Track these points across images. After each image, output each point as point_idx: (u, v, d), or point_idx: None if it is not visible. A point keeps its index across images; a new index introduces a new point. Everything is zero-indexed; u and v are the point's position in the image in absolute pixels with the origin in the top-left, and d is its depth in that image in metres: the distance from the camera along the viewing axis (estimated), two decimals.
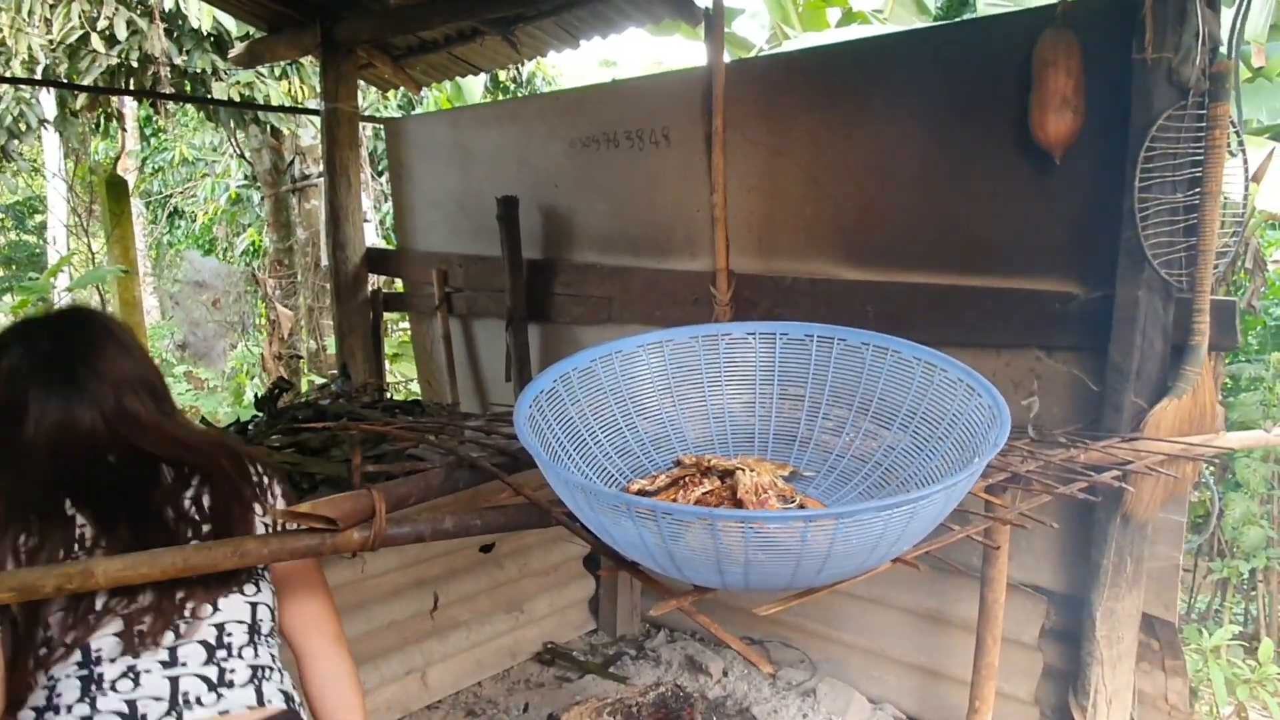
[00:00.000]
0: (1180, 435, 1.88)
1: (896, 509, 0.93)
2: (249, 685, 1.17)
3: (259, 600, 1.24)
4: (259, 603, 1.24)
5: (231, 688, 1.15)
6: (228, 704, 1.14)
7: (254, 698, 1.17)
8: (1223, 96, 1.81)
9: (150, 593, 1.15)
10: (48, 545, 1.13)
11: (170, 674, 1.13)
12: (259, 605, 1.24)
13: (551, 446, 1.23)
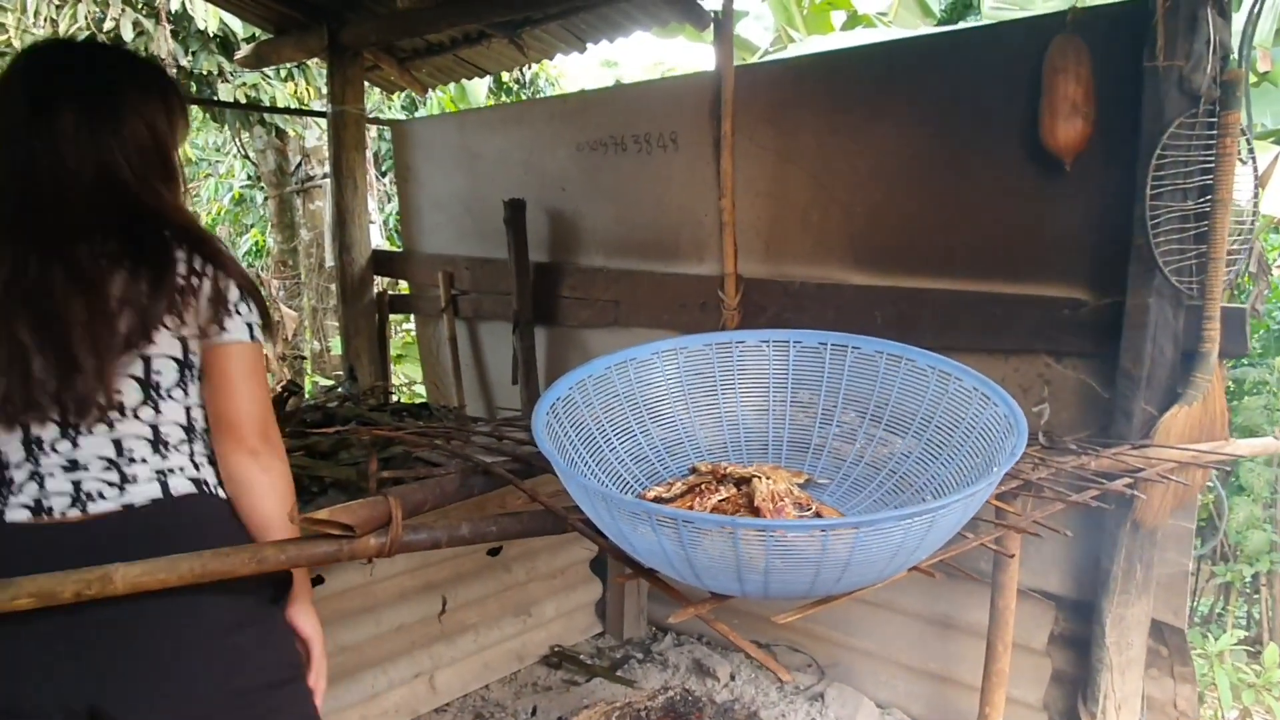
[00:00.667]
0: (1190, 442, 1.89)
1: (916, 518, 0.94)
2: (152, 482, 1.19)
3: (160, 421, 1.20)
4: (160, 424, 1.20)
5: (135, 484, 1.18)
6: (129, 498, 1.17)
7: (158, 489, 1.19)
8: (1233, 104, 1.81)
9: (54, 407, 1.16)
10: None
11: (73, 477, 1.16)
12: (160, 425, 1.20)
13: (568, 453, 1.23)
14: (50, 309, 1.12)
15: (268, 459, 1.25)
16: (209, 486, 1.25)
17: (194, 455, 1.25)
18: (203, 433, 1.26)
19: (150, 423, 1.21)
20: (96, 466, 1.18)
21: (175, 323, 1.18)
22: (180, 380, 1.22)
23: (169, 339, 1.19)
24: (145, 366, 1.19)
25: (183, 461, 1.23)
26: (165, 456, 1.22)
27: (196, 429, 1.26)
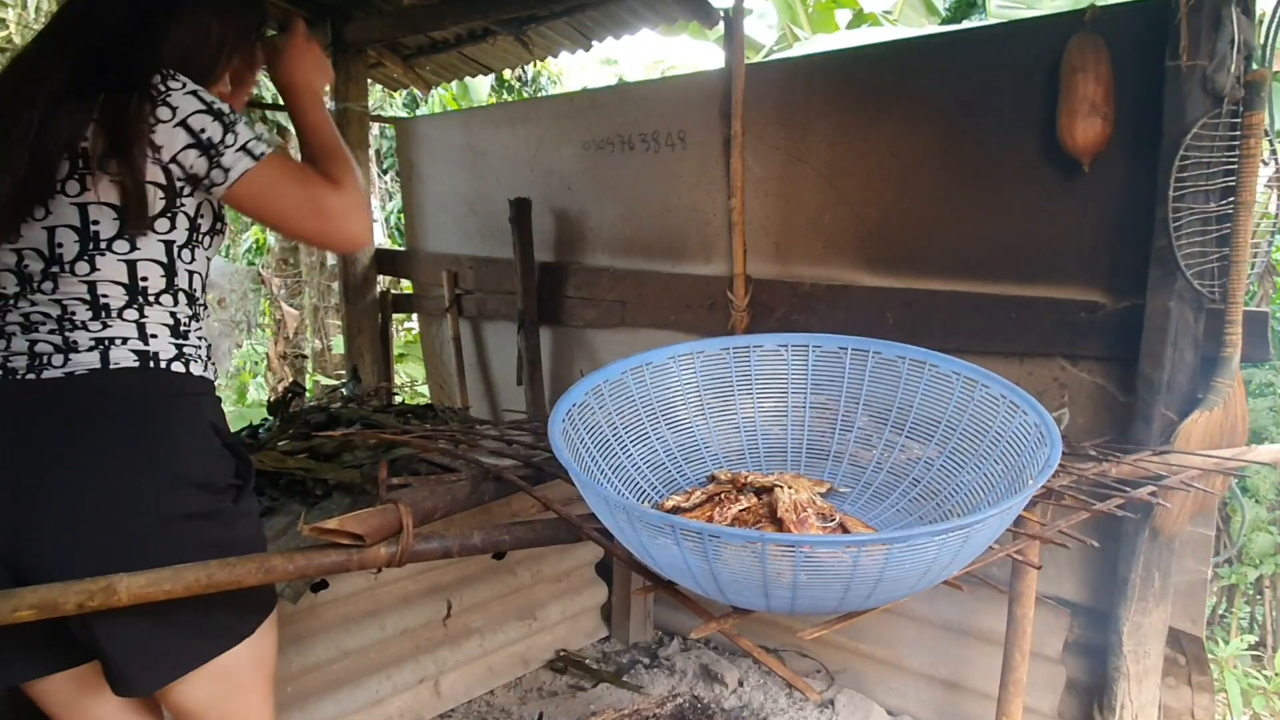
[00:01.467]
0: (1210, 448, 1.85)
1: (951, 533, 0.91)
2: (89, 352, 1.18)
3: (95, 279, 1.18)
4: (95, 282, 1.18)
5: (79, 352, 1.18)
6: (75, 365, 1.17)
7: (98, 360, 1.18)
8: (1257, 105, 1.78)
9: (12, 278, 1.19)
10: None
11: (29, 337, 1.18)
12: (99, 283, 1.19)
13: (584, 460, 1.20)
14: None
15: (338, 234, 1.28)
16: (158, 360, 1.21)
17: (144, 324, 1.21)
18: (159, 296, 1.22)
19: (86, 279, 1.18)
20: (44, 328, 1.18)
21: (119, 168, 1.14)
22: (120, 233, 1.18)
23: (107, 184, 1.16)
24: (82, 215, 1.16)
25: (127, 331, 1.20)
26: (106, 324, 1.19)
27: (149, 291, 1.21)
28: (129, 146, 1.14)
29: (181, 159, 1.17)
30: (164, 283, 1.22)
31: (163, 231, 1.21)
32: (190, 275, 1.26)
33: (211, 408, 1.27)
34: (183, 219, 1.23)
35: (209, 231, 1.29)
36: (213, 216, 1.29)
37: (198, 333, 1.28)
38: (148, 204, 1.17)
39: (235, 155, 1.18)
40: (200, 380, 1.25)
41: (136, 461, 1.17)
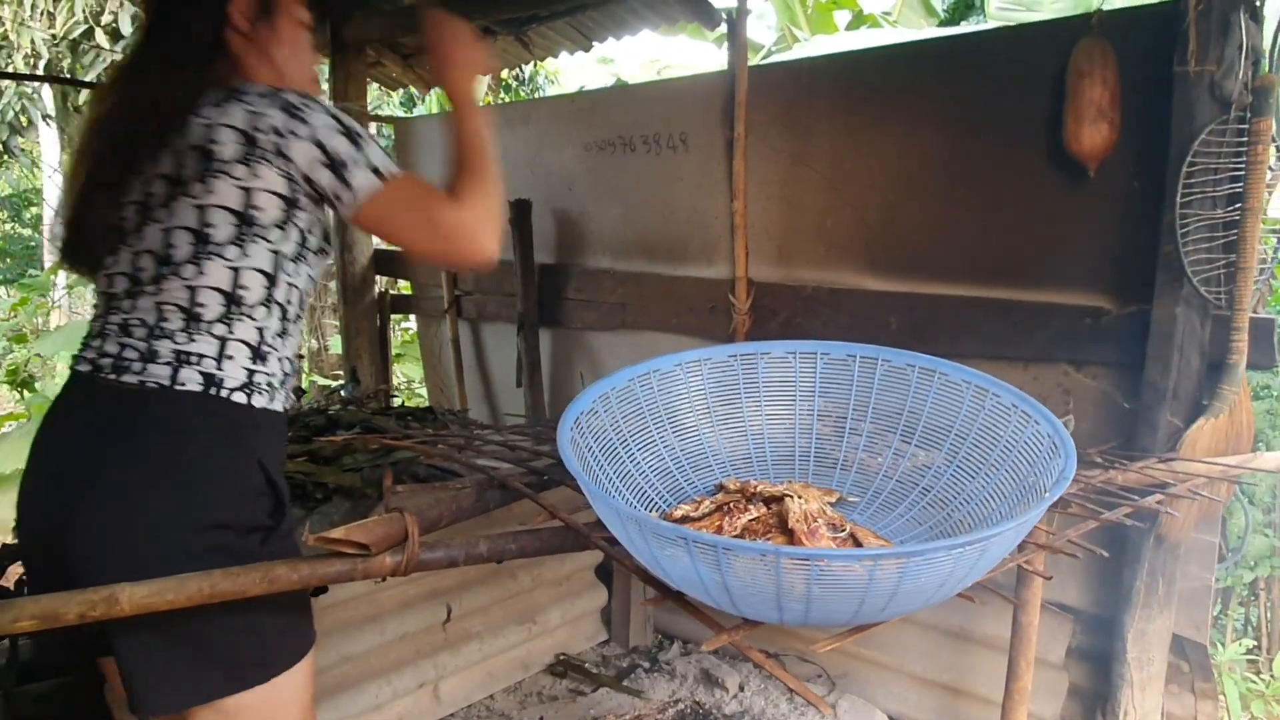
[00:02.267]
0: (1216, 455, 1.85)
1: (968, 547, 0.90)
2: (165, 366, 1.19)
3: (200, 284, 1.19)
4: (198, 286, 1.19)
5: (153, 363, 1.19)
6: (147, 376, 1.19)
7: (167, 377, 1.19)
8: (1265, 111, 1.77)
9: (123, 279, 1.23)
10: None
11: (120, 339, 1.21)
12: (200, 289, 1.19)
13: (592, 469, 1.19)
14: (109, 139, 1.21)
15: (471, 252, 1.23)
16: (221, 388, 1.20)
17: (226, 341, 1.21)
18: (254, 308, 1.22)
19: (190, 283, 1.19)
20: (137, 332, 1.20)
21: (246, 173, 1.16)
22: (238, 236, 1.19)
23: (229, 188, 1.16)
24: (200, 217, 1.18)
25: (206, 349, 1.20)
26: (191, 338, 1.20)
27: (245, 302, 1.21)
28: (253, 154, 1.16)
29: (311, 174, 1.18)
30: (264, 294, 1.23)
31: (273, 241, 1.21)
32: (289, 288, 1.26)
33: (266, 441, 1.24)
34: (294, 232, 1.23)
35: (316, 250, 1.29)
36: (321, 235, 1.30)
37: (280, 354, 1.27)
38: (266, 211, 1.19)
39: (364, 175, 1.18)
40: (260, 413, 1.23)
41: (166, 488, 1.17)
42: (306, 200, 1.21)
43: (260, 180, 1.17)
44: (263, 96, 1.17)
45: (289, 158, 1.16)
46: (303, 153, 1.16)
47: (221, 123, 1.15)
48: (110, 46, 5.20)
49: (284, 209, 1.20)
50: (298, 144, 1.16)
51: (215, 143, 1.15)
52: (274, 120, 1.15)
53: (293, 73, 1.30)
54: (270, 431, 1.26)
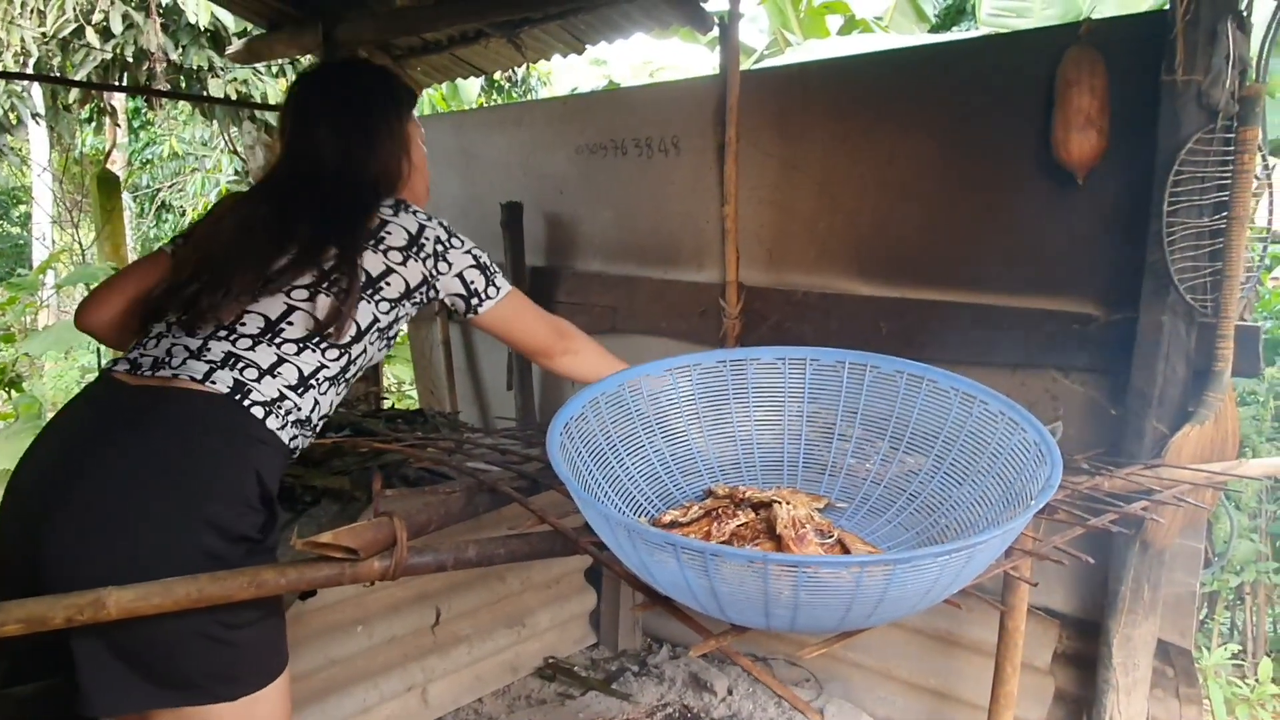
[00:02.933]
0: (1202, 462, 1.86)
1: (954, 554, 0.90)
2: (206, 364, 1.25)
3: (300, 305, 1.31)
4: (298, 307, 1.31)
5: (197, 359, 1.26)
6: (182, 371, 1.25)
7: (201, 373, 1.24)
8: (1252, 120, 1.79)
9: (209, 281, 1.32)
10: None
11: (174, 340, 1.29)
12: (297, 310, 1.31)
13: (581, 475, 1.19)
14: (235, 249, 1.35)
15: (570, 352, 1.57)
16: (246, 395, 1.24)
17: (284, 359, 1.29)
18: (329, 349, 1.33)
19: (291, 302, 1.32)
20: (201, 331, 1.28)
21: (399, 260, 1.38)
22: (308, 339, 1.31)
23: (378, 262, 1.36)
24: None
25: (263, 360, 1.27)
26: (256, 345, 1.28)
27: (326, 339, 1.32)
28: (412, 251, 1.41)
29: (464, 276, 1.44)
30: (347, 340, 1.35)
31: (381, 311, 1.40)
32: (365, 351, 1.40)
33: (267, 459, 1.25)
34: (394, 314, 1.42)
35: (392, 337, 1.47)
36: (397, 330, 1.47)
37: (317, 398, 1.33)
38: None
39: (502, 281, 1.49)
40: (270, 433, 1.25)
41: (167, 481, 1.17)
42: (420, 298, 1.43)
43: (405, 270, 1.38)
44: (429, 216, 1.44)
45: (449, 261, 1.42)
46: (460, 261, 1.43)
47: (396, 222, 1.40)
48: (100, 45, 5.18)
49: (402, 294, 1.40)
50: (457, 254, 1.43)
51: (388, 232, 1.38)
52: (438, 233, 1.42)
53: (426, 183, 1.62)
54: (272, 451, 1.26)
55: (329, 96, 1.51)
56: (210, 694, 1.20)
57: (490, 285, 1.46)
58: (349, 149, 1.47)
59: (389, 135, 1.51)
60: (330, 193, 1.42)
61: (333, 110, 1.49)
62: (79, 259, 7.91)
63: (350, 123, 1.48)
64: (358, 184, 1.45)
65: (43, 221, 9.36)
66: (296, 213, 1.39)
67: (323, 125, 1.47)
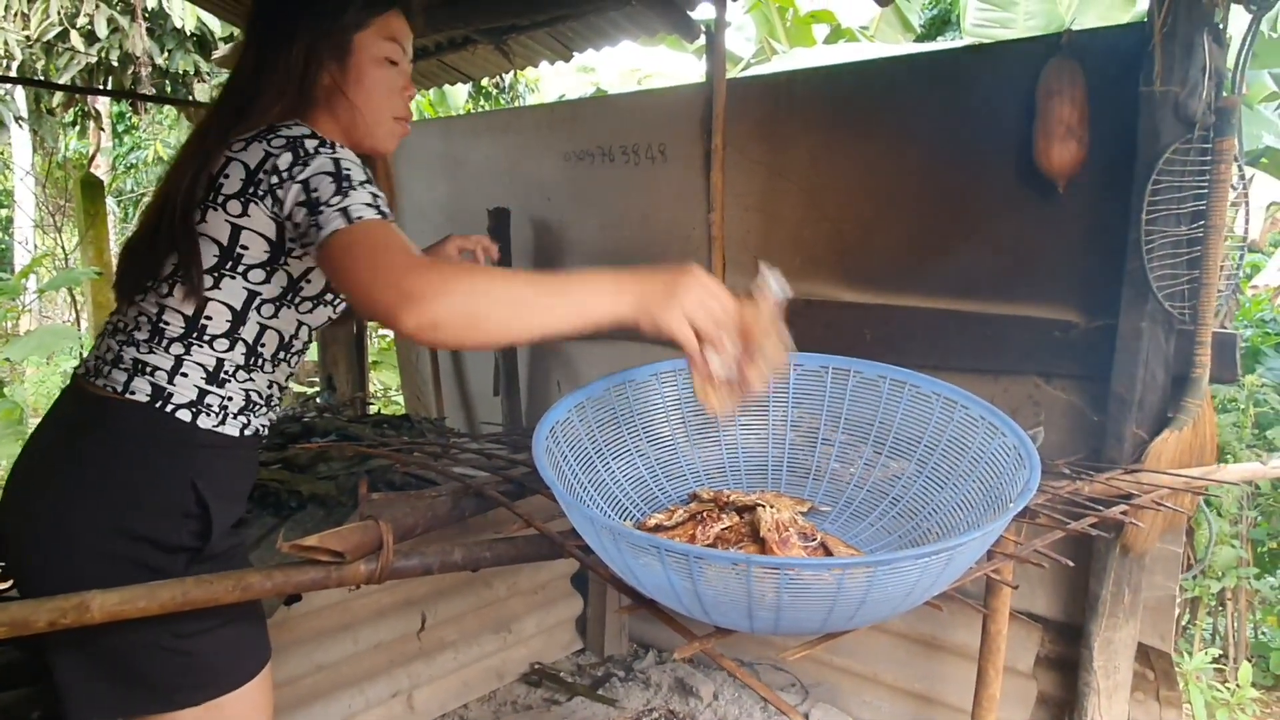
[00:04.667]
0: (1180, 467, 1.88)
1: (934, 556, 0.91)
2: (123, 371, 1.21)
3: (168, 304, 1.20)
4: (165, 304, 1.20)
5: (116, 367, 1.21)
6: (108, 380, 1.21)
7: (121, 383, 1.20)
8: (1228, 131, 1.82)
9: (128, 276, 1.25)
10: None
11: (107, 340, 1.24)
12: (168, 309, 1.20)
13: (567, 479, 1.19)
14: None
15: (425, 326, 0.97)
16: (168, 402, 1.19)
17: (182, 359, 1.20)
18: (215, 340, 1.20)
19: (161, 300, 1.20)
20: (118, 337, 1.23)
21: (239, 209, 1.15)
22: (216, 268, 1.18)
23: (221, 221, 1.16)
24: (189, 243, 1.18)
25: (163, 363, 1.20)
26: (152, 349, 1.20)
27: (207, 331, 1.20)
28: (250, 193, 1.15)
29: (292, 217, 1.12)
30: (226, 328, 1.21)
31: (252, 281, 1.20)
32: (261, 328, 1.23)
33: (206, 463, 1.21)
34: (283, 276, 1.21)
35: (313, 297, 1.25)
36: (323, 286, 1.25)
37: (243, 386, 1.24)
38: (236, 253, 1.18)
39: (333, 215, 1.06)
40: (205, 433, 1.20)
41: (96, 494, 1.17)
42: (295, 247, 1.18)
43: (249, 220, 1.15)
44: (286, 140, 1.13)
45: (279, 199, 1.12)
46: (291, 196, 1.10)
47: (239, 158, 1.15)
48: (85, 49, 5.15)
49: (269, 252, 1.17)
50: (291, 187, 1.10)
51: (226, 176, 1.15)
52: (280, 162, 1.12)
53: (377, 112, 1.27)
54: (216, 453, 1.22)
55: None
56: (170, 700, 1.21)
57: (313, 226, 1.06)
58: (261, 57, 1.21)
59: (301, 46, 1.20)
60: (210, 125, 1.20)
61: (255, 14, 1.26)
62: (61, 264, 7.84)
63: (260, 27, 1.24)
64: (238, 108, 1.19)
65: (24, 226, 9.29)
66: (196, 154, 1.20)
67: (252, 28, 1.26)
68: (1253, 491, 3.76)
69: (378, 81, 1.27)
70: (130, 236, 1.29)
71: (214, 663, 1.23)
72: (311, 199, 1.08)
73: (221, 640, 1.23)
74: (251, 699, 1.26)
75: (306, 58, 1.21)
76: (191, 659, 1.20)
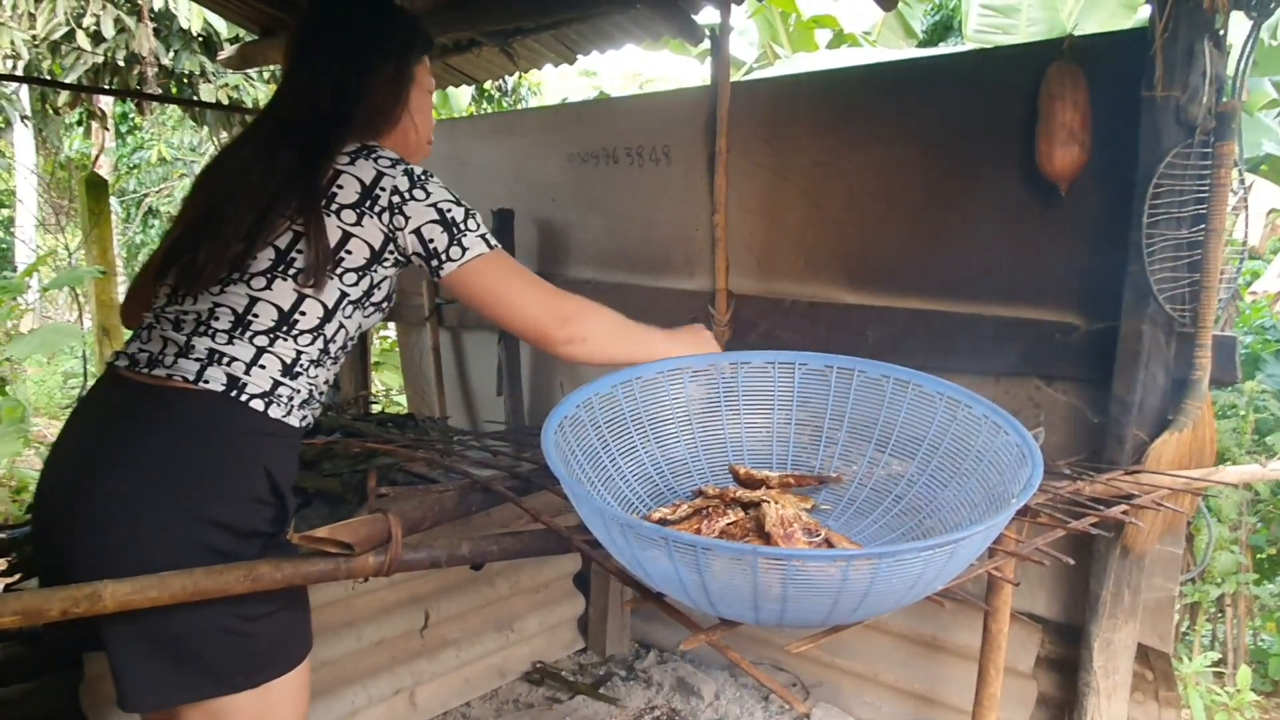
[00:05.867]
0: (1180, 469, 1.90)
1: (938, 549, 0.93)
2: (195, 362, 1.24)
3: (263, 297, 1.26)
4: (259, 298, 1.26)
5: (186, 358, 1.24)
6: (175, 371, 1.23)
7: (194, 373, 1.23)
8: (1228, 135, 1.84)
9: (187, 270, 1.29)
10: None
11: (163, 334, 1.27)
12: (261, 301, 1.26)
13: (574, 472, 1.21)
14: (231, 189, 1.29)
15: (575, 340, 1.33)
16: (242, 391, 1.24)
17: (263, 351, 1.25)
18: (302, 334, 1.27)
19: (255, 293, 1.25)
20: (184, 328, 1.26)
21: (353, 219, 1.27)
22: (279, 328, 1.26)
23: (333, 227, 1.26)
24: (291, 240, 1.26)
25: (242, 354, 1.24)
26: (232, 340, 1.24)
27: (298, 326, 1.27)
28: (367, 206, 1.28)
29: (423, 233, 1.28)
30: (316, 324, 1.29)
31: (345, 284, 1.30)
32: (340, 327, 1.32)
33: (274, 451, 1.26)
34: (366, 281, 1.32)
35: (378, 303, 1.38)
36: (387, 292, 1.38)
37: (311, 380, 1.31)
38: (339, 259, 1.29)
39: (475, 239, 1.30)
40: (274, 422, 1.26)
41: (173, 482, 1.20)
42: (392, 259, 1.32)
43: (361, 229, 1.27)
44: (392, 161, 1.30)
45: (405, 215, 1.27)
46: (419, 215, 1.27)
47: (350, 172, 1.28)
48: (91, 48, 5.18)
49: (367, 259, 1.29)
50: (417, 206, 1.27)
51: (340, 187, 1.27)
52: (398, 183, 1.28)
53: (422, 135, 1.47)
54: (281, 442, 1.28)
55: (333, 23, 1.39)
56: (230, 683, 1.24)
57: (454, 245, 1.28)
58: (343, 82, 1.34)
59: (389, 73, 1.37)
60: (306, 137, 1.31)
61: (335, 39, 1.37)
62: (63, 263, 7.87)
63: (350, 52, 1.36)
64: (338, 123, 1.32)
65: (26, 225, 9.31)
66: (280, 158, 1.30)
67: (321, 55, 1.36)
68: (1252, 497, 3.77)
69: (427, 108, 1.47)
70: (187, 235, 1.30)
71: (272, 646, 1.27)
72: (428, 249, 1.29)
73: (280, 624, 1.27)
74: (298, 682, 1.32)
75: (398, 83, 1.39)
76: (255, 642, 1.24)
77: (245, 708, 1.25)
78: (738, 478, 1.38)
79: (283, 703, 1.29)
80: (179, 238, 1.32)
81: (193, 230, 1.30)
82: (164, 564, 1.10)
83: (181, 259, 1.29)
